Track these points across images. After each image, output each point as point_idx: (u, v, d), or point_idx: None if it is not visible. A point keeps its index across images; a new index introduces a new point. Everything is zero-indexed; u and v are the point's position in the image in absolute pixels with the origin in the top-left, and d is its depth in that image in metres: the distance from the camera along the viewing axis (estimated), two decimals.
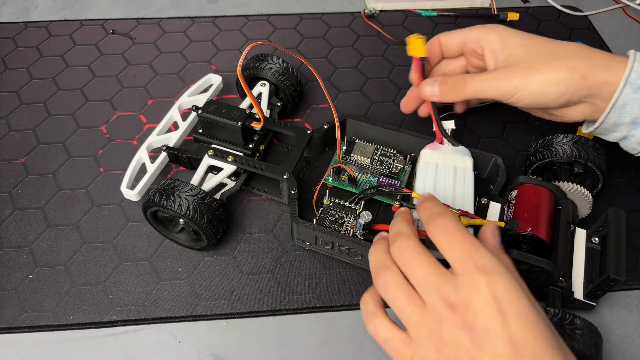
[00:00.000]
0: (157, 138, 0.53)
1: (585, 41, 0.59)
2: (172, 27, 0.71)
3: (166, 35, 0.70)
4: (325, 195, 0.48)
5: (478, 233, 0.39)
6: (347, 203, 0.47)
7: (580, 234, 0.45)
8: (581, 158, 0.47)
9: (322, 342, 0.45)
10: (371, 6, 0.73)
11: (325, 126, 0.52)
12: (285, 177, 0.48)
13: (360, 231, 0.44)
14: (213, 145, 0.51)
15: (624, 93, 0.42)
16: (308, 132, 0.52)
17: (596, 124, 0.46)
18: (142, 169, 0.51)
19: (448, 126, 0.51)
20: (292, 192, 0.47)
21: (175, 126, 0.55)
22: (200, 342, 0.44)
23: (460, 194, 0.45)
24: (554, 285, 0.41)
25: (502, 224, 0.43)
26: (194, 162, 0.52)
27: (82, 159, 0.56)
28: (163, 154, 0.52)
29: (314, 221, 0.46)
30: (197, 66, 0.66)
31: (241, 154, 0.51)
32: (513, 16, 0.73)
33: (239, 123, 0.49)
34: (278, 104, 0.57)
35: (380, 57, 0.68)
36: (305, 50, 0.68)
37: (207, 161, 0.50)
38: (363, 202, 0.47)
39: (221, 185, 0.51)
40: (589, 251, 0.44)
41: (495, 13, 0.72)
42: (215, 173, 0.51)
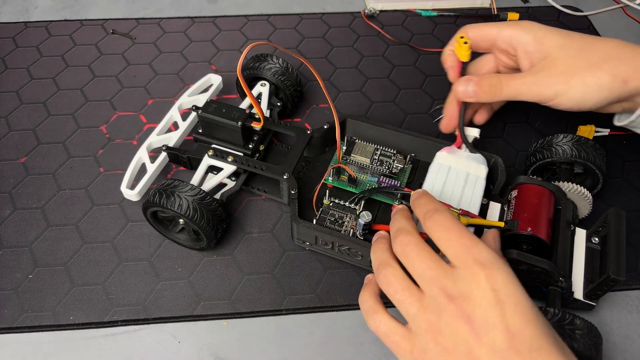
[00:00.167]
0: (157, 138, 0.53)
1: None
2: (172, 27, 0.71)
3: (166, 35, 0.70)
4: (325, 195, 0.48)
5: (480, 237, 0.39)
6: (347, 203, 0.47)
7: (580, 234, 0.45)
8: (581, 158, 0.47)
9: (322, 342, 0.45)
10: (371, 6, 0.73)
11: (325, 126, 0.52)
12: (285, 177, 0.48)
13: (360, 231, 0.44)
14: (213, 145, 0.51)
15: None
16: (308, 132, 0.52)
17: (632, 117, 0.46)
18: (142, 169, 0.51)
19: (473, 134, 0.49)
20: (292, 192, 0.47)
21: (175, 126, 0.55)
22: (200, 342, 0.44)
23: (466, 200, 0.45)
24: (554, 285, 0.41)
25: (502, 224, 0.43)
26: (194, 162, 0.52)
27: (82, 159, 0.56)
28: (163, 154, 0.52)
29: (314, 221, 0.46)
30: (197, 66, 0.66)
31: (241, 154, 0.51)
32: (513, 16, 0.72)
33: (239, 123, 0.49)
34: (278, 104, 0.57)
35: (380, 57, 0.68)
36: (305, 50, 0.68)
37: (207, 161, 0.50)
38: (363, 202, 0.47)
39: (221, 185, 0.51)
40: (589, 251, 0.44)
41: (495, 13, 0.72)
42: (215, 173, 0.51)
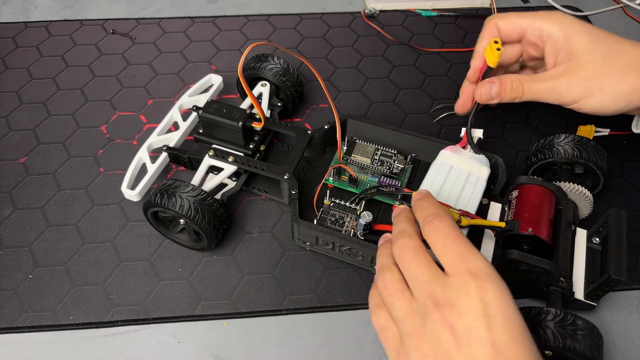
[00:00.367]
0: (158, 138, 0.53)
1: None
2: (172, 27, 0.71)
3: (166, 35, 0.70)
4: (325, 195, 0.48)
5: (481, 237, 0.39)
6: (348, 203, 0.47)
7: (581, 234, 0.45)
8: (582, 158, 0.47)
9: (322, 342, 0.45)
10: (371, 6, 0.73)
11: (325, 126, 0.52)
12: (285, 178, 0.48)
13: (360, 231, 0.44)
14: (214, 145, 0.51)
15: None
16: (309, 133, 0.52)
17: None
18: (143, 169, 0.51)
19: (476, 134, 0.49)
20: (293, 193, 0.47)
21: (175, 126, 0.55)
22: (200, 342, 0.44)
23: (465, 200, 0.45)
24: (555, 285, 0.41)
25: (503, 224, 0.43)
26: (195, 163, 0.52)
27: (82, 159, 0.56)
28: (163, 154, 0.52)
29: (315, 221, 0.46)
30: (197, 66, 0.66)
31: (242, 154, 0.51)
32: None
33: (240, 123, 0.49)
34: (278, 104, 0.57)
35: (380, 57, 0.68)
36: (305, 50, 0.68)
37: (208, 161, 0.50)
38: (364, 203, 0.47)
39: (222, 185, 0.51)
40: (590, 251, 0.44)
41: (495, 13, 0.72)
42: (215, 173, 0.51)
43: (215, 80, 0.59)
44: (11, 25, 0.70)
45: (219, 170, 0.51)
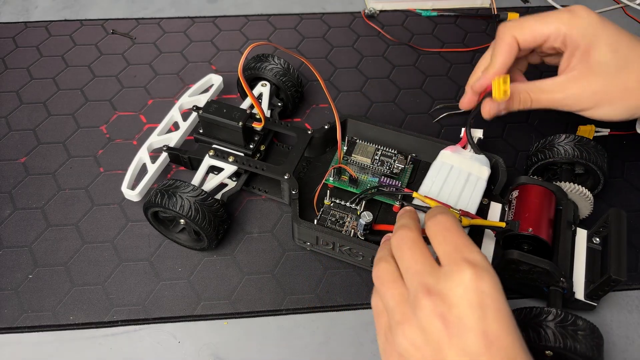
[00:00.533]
0: (158, 138, 0.53)
1: None
2: (172, 27, 0.71)
3: (166, 35, 0.70)
4: (326, 195, 0.48)
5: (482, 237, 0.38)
6: (348, 203, 0.47)
7: (581, 235, 0.45)
8: (582, 158, 0.47)
9: (322, 342, 0.45)
10: (371, 6, 0.73)
11: (326, 126, 0.52)
12: (286, 178, 0.48)
13: (361, 231, 0.44)
14: (214, 145, 0.51)
15: None
16: (309, 133, 0.52)
17: None
18: (143, 169, 0.51)
19: (476, 134, 0.49)
20: (293, 193, 0.47)
21: (175, 126, 0.55)
22: (200, 342, 0.44)
23: (465, 200, 0.45)
24: (555, 285, 0.41)
25: (504, 225, 0.43)
26: (195, 163, 0.52)
27: (82, 159, 0.56)
28: (164, 154, 0.52)
29: (315, 221, 0.46)
30: (197, 66, 0.66)
31: (242, 155, 0.51)
32: (513, 16, 0.72)
33: (240, 123, 0.49)
34: (279, 104, 0.57)
35: (380, 57, 0.68)
36: (305, 50, 0.68)
37: (208, 161, 0.50)
38: (364, 203, 0.47)
39: (222, 185, 0.51)
40: (590, 251, 0.44)
41: (495, 13, 0.72)
42: (216, 173, 0.51)
43: (215, 80, 0.59)
44: (11, 25, 0.70)
45: (219, 170, 0.51)
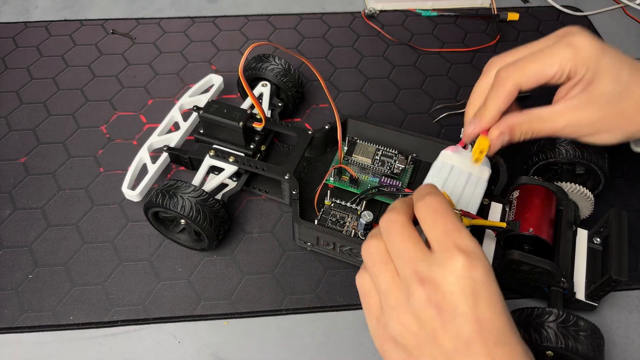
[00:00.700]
0: (159, 138, 0.53)
1: None
2: (172, 27, 0.71)
3: (166, 35, 0.70)
4: (326, 195, 0.48)
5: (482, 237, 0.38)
6: (349, 203, 0.47)
7: (582, 235, 0.45)
8: (583, 159, 0.47)
9: (322, 342, 0.45)
10: (371, 6, 0.73)
11: (326, 126, 0.52)
12: (286, 178, 0.48)
13: (361, 231, 0.44)
14: (214, 145, 0.51)
15: None
16: (309, 133, 0.51)
17: None
18: (143, 169, 0.51)
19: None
20: (294, 193, 0.47)
21: (176, 126, 0.55)
22: (200, 342, 0.44)
23: (466, 200, 0.45)
24: (556, 285, 0.41)
25: (504, 225, 0.43)
26: (195, 163, 0.52)
27: (82, 159, 0.56)
28: (164, 155, 0.52)
29: (316, 222, 0.46)
30: (197, 66, 0.66)
31: (242, 155, 0.51)
32: (513, 16, 0.73)
33: (241, 123, 0.49)
34: (279, 105, 0.57)
35: (380, 57, 0.68)
36: (305, 50, 0.68)
37: (209, 162, 0.50)
38: (364, 203, 0.47)
39: (222, 185, 0.51)
40: (591, 252, 0.44)
41: (495, 13, 0.72)
42: (216, 173, 0.51)
43: (215, 80, 0.59)
44: (11, 25, 0.70)
45: (220, 170, 0.51)
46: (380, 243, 0.34)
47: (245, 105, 0.55)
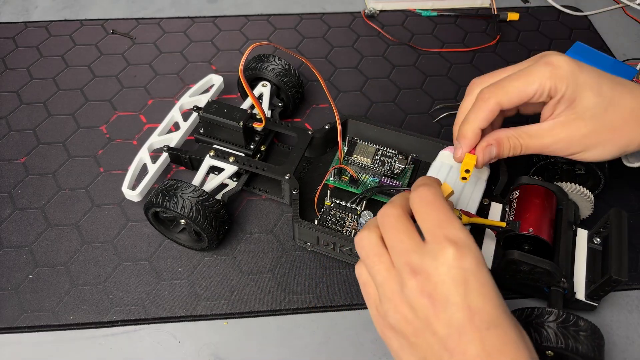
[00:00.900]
0: (159, 138, 0.53)
1: (585, 41, 0.58)
2: (172, 27, 0.71)
3: (166, 35, 0.70)
4: (326, 195, 0.48)
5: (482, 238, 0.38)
6: (349, 204, 0.47)
7: (582, 235, 0.45)
8: None
9: (322, 342, 0.45)
10: (371, 6, 0.73)
11: (326, 127, 0.52)
12: (286, 178, 0.48)
13: None
14: (214, 145, 0.51)
15: None
16: (309, 133, 0.51)
17: None
18: (143, 170, 0.51)
19: None
20: (294, 193, 0.47)
21: (176, 126, 0.55)
22: (200, 342, 0.44)
23: (465, 200, 0.45)
24: (556, 285, 0.41)
25: (504, 225, 0.43)
26: (196, 163, 0.52)
27: (82, 159, 0.56)
28: (164, 155, 0.52)
29: (316, 222, 0.46)
30: (197, 66, 0.66)
31: (242, 155, 0.51)
32: (513, 16, 0.73)
33: (241, 123, 0.49)
34: (279, 105, 0.57)
35: (380, 57, 0.68)
36: (305, 50, 0.68)
37: (209, 162, 0.50)
38: (364, 203, 0.47)
39: (222, 185, 0.51)
40: (591, 252, 0.44)
41: (495, 13, 0.72)
42: (216, 173, 0.51)
43: (215, 80, 0.59)
44: (11, 25, 0.70)
45: (220, 170, 0.51)
46: (371, 234, 0.35)
47: (245, 105, 0.55)
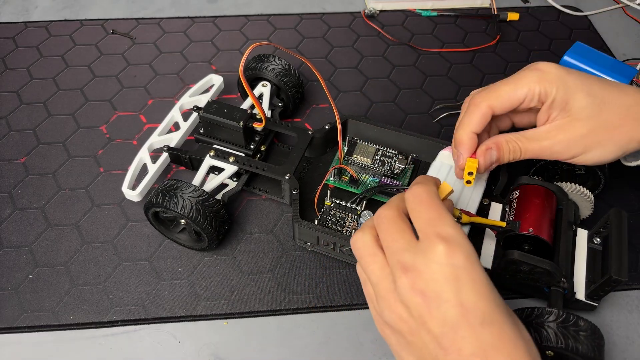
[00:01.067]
0: (159, 138, 0.53)
1: (585, 41, 0.58)
2: (172, 27, 0.71)
3: (166, 35, 0.70)
4: (326, 195, 0.48)
5: (482, 237, 0.38)
6: (349, 204, 0.47)
7: (581, 235, 0.45)
8: None
9: (322, 342, 0.45)
10: (371, 6, 0.73)
11: (326, 127, 0.52)
12: (286, 178, 0.48)
13: None
14: (214, 145, 0.51)
15: None
16: (310, 133, 0.51)
17: None
18: (143, 170, 0.51)
19: None
20: (294, 193, 0.47)
21: (176, 126, 0.55)
22: (200, 342, 0.44)
23: (464, 200, 0.45)
24: (556, 285, 0.41)
25: (504, 224, 0.43)
26: (196, 163, 0.52)
27: (82, 159, 0.56)
28: (164, 155, 0.52)
29: (316, 222, 0.46)
30: (197, 66, 0.66)
31: (243, 155, 0.51)
32: (513, 16, 0.73)
33: (241, 123, 0.49)
34: (279, 105, 0.57)
35: (380, 57, 0.68)
36: (305, 50, 0.68)
37: (209, 162, 0.50)
38: (364, 202, 0.47)
39: (222, 185, 0.51)
40: (591, 252, 0.44)
41: (495, 13, 0.72)
42: (216, 173, 0.51)
43: (215, 80, 0.59)
44: (11, 25, 0.70)
45: (220, 170, 0.51)
46: (365, 235, 0.35)
47: (245, 105, 0.55)
